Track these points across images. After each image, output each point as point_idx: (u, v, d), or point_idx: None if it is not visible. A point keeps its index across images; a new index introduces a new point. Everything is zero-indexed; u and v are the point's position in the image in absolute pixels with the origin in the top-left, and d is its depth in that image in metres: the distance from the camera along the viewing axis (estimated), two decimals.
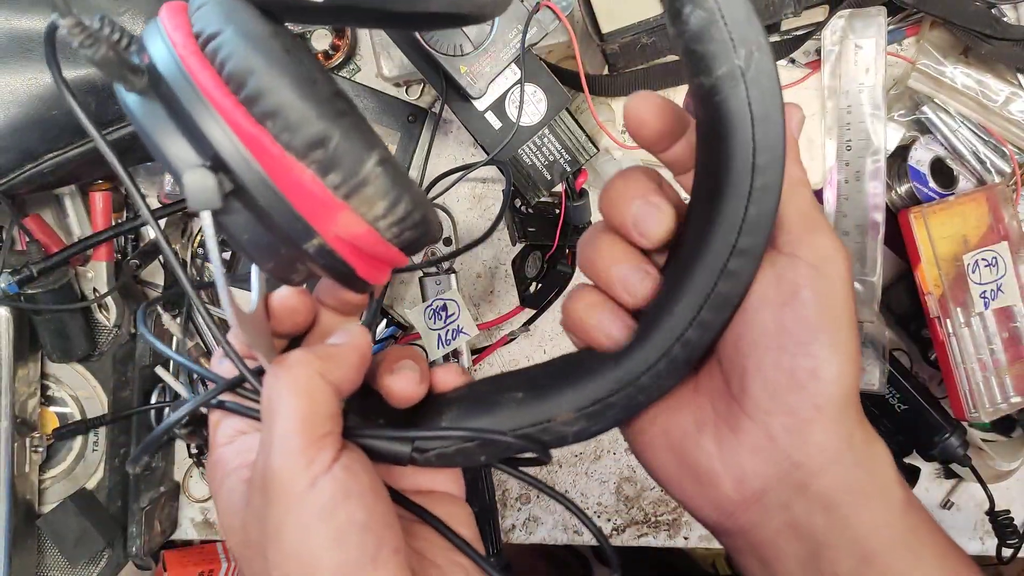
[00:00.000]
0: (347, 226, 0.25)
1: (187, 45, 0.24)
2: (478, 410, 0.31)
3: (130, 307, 0.64)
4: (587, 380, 0.30)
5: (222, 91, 0.23)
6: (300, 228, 0.24)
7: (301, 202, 0.24)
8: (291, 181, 0.24)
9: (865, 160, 0.62)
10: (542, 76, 0.55)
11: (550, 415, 0.30)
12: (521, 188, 0.57)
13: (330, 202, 0.24)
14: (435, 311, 0.64)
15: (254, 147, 0.23)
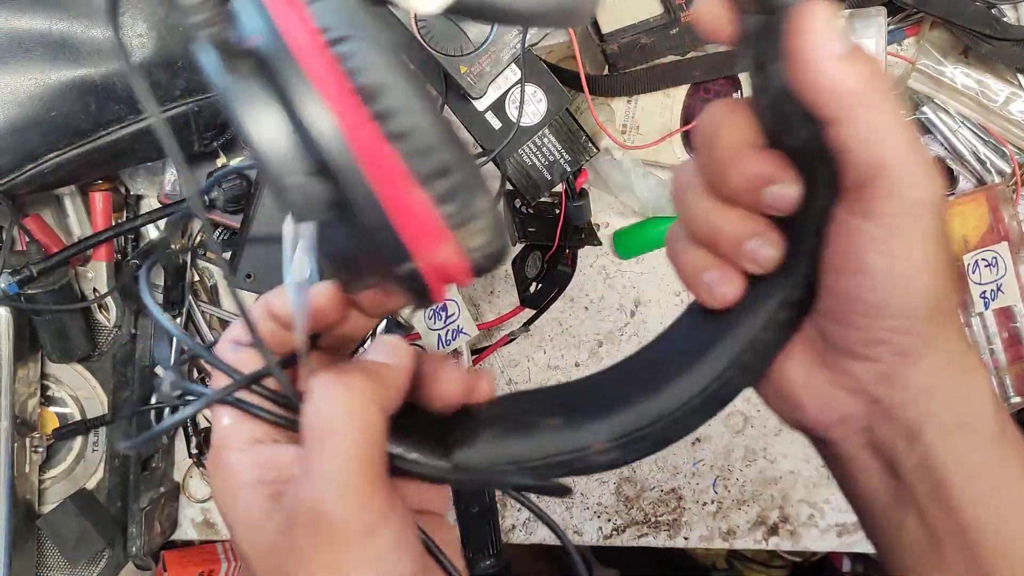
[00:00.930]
0: (446, 256, 0.24)
1: (313, 42, 0.22)
2: (516, 433, 0.30)
3: (130, 307, 0.64)
4: (623, 410, 0.30)
5: (351, 101, 0.22)
6: (399, 252, 0.23)
7: (407, 227, 0.23)
8: (404, 206, 0.23)
9: None
10: (542, 76, 0.55)
11: (586, 444, 0.30)
12: (521, 188, 0.57)
13: (438, 232, 0.23)
14: (435, 311, 0.64)
15: (374, 163, 0.22)
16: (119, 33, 0.24)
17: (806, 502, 0.73)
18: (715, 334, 0.29)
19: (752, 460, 0.73)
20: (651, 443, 0.30)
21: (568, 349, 0.71)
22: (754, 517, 0.73)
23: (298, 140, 0.22)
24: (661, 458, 0.73)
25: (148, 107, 0.24)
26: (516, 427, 0.30)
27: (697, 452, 0.73)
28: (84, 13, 0.50)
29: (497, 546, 0.68)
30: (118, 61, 0.31)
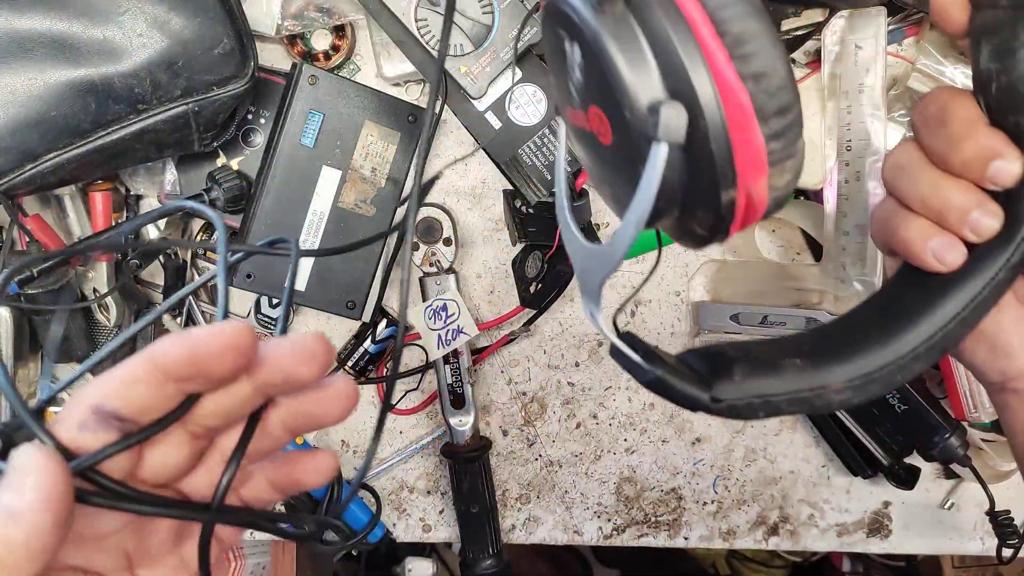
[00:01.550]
0: (759, 190, 0.27)
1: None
2: (764, 371, 0.34)
3: (130, 307, 0.64)
4: (859, 354, 0.34)
5: (718, 43, 0.26)
6: (730, 178, 0.27)
7: (741, 157, 0.26)
8: (747, 139, 0.26)
9: (865, 160, 0.61)
10: (542, 76, 0.55)
11: (824, 383, 0.33)
12: (521, 188, 0.57)
13: (762, 164, 0.27)
14: (435, 311, 0.64)
15: (730, 99, 0.26)
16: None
17: (806, 502, 0.73)
18: (938, 292, 0.34)
19: (752, 460, 0.73)
20: (881, 385, 0.34)
21: (568, 349, 0.71)
22: (754, 517, 0.73)
23: (666, 71, 0.26)
24: (661, 458, 0.73)
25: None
26: (763, 366, 0.34)
27: (697, 452, 0.73)
28: (84, 13, 0.50)
29: (497, 546, 0.68)
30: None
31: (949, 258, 0.33)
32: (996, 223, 0.32)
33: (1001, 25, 0.31)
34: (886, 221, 0.35)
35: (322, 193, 0.60)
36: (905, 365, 0.34)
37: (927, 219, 0.34)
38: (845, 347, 0.35)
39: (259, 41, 0.59)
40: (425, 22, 0.53)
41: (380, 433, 0.29)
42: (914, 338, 0.34)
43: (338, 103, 0.60)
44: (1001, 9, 0.31)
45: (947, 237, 0.33)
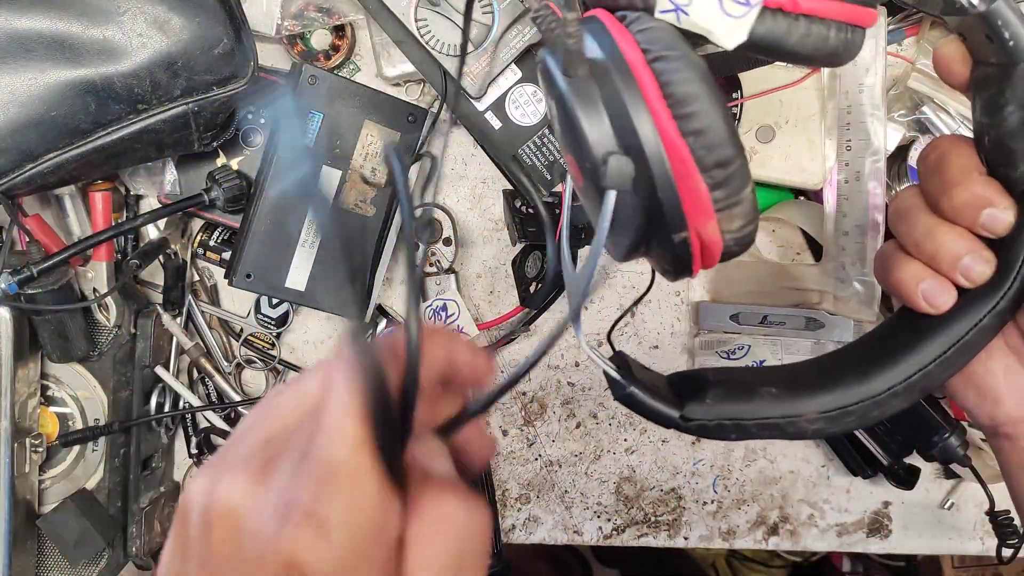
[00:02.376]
0: (710, 233, 0.31)
1: (638, 59, 0.30)
2: (738, 396, 0.36)
3: (130, 307, 0.64)
4: (834, 388, 0.36)
5: (662, 104, 0.30)
6: (678, 222, 0.30)
7: (688, 204, 0.30)
8: (689, 186, 0.30)
9: (865, 160, 0.61)
10: None
11: (798, 412, 0.35)
12: (521, 188, 0.57)
13: (708, 209, 0.30)
14: (435, 311, 0.64)
15: (673, 152, 0.30)
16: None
17: (806, 502, 0.73)
18: (925, 333, 0.35)
19: (752, 460, 0.73)
20: (855, 419, 0.35)
21: (568, 349, 0.71)
22: (754, 517, 0.74)
23: (617, 128, 0.30)
24: (661, 458, 0.73)
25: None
26: (739, 391, 0.36)
27: (697, 452, 0.73)
28: (84, 13, 0.50)
29: (497, 546, 0.68)
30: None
31: (939, 301, 0.34)
32: (988, 269, 0.33)
33: (991, 82, 0.33)
34: (884, 261, 0.37)
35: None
36: (882, 401, 0.35)
37: (921, 262, 0.35)
38: (824, 379, 0.36)
39: (259, 41, 0.59)
40: (425, 22, 0.53)
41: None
42: (894, 376, 0.35)
43: (338, 103, 0.60)
44: (991, 66, 0.33)
45: (939, 281, 0.34)
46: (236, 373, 0.70)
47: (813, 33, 0.31)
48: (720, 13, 0.31)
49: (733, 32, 0.31)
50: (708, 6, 0.31)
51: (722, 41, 0.31)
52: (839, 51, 0.32)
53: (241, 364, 0.70)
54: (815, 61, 0.33)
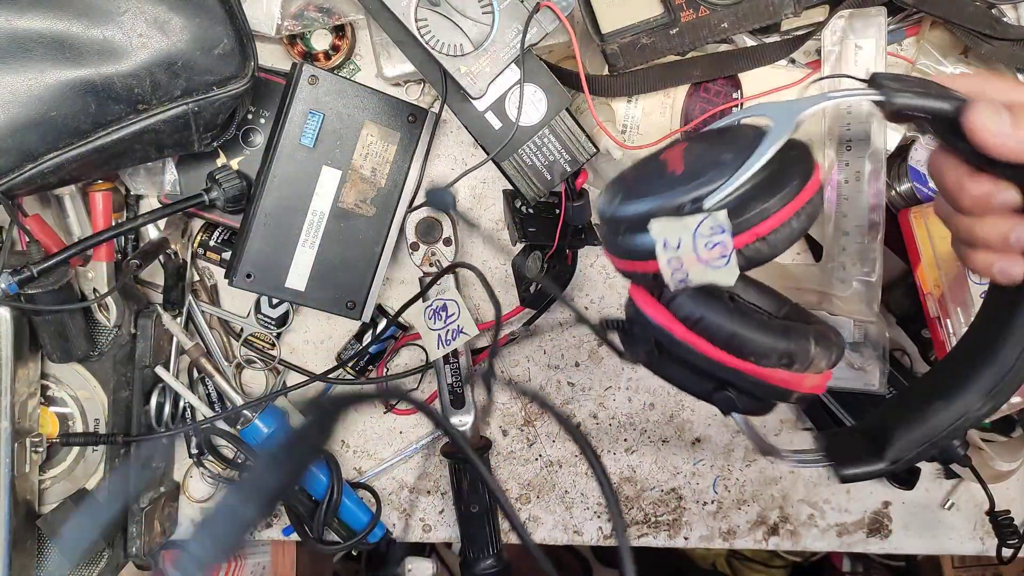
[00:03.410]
0: (811, 382, 0.41)
1: (683, 331, 0.40)
2: (917, 421, 0.44)
3: (130, 307, 0.64)
4: (984, 370, 0.42)
5: (721, 352, 0.40)
6: (782, 393, 0.41)
7: (778, 382, 0.40)
8: (775, 378, 0.40)
9: (865, 160, 0.61)
10: (542, 76, 0.55)
11: (967, 409, 0.43)
12: (521, 188, 0.57)
13: (793, 379, 0.40)
14: (435, 311, 0.64)
15: (747, 368, 0.40)
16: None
17: (806, 502, 0.73)
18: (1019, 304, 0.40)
19: (752, 460, 0.73)
20: (1012, 386, 0.41)
21: (568, 349, 0.71)
22: (754, 517, 0.73)
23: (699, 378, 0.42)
24: (661, 458, 0.73)
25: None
26: (914, 416, 0.44)
27: (697, 452, 0.73)
28: (84, 13, 0.50)
29: (497, 546, 0.68)
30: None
31: (1011, 273, 0.39)
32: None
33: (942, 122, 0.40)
34: (958, 249, 0.43)
35: (322, 193, 0.60)
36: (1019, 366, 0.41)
37: (985, 249, 0.41)
38: (969, 369, 0.42)
39: (259, 41, 0.59)
40: (425, 22, 0.53)
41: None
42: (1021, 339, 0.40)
43: (338, 103, 0.60)
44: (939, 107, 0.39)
45: (1004, 258, 0.39)
46: (236, 373, 0.70)
47: (780, 238, 0.38)
48: (713, 271, 0.39)
49: (728, 276, 0.39)
50: (702, 271, 0.39)
51: (726, 284, 0.39)
52: (808, 225, 0.40)
53: (241, 364, 0.70)
54: (796, 240, 0.41)
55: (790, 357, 0.40)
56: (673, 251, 0.39)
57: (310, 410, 0.28)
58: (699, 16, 0.55)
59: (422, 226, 0.64)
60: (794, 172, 0.39)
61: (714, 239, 0.38)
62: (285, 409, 0.69)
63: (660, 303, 0.40)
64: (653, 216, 0.39)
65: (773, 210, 0.38)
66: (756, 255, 0.39)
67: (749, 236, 0.38)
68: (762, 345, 0.40)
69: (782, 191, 0.38)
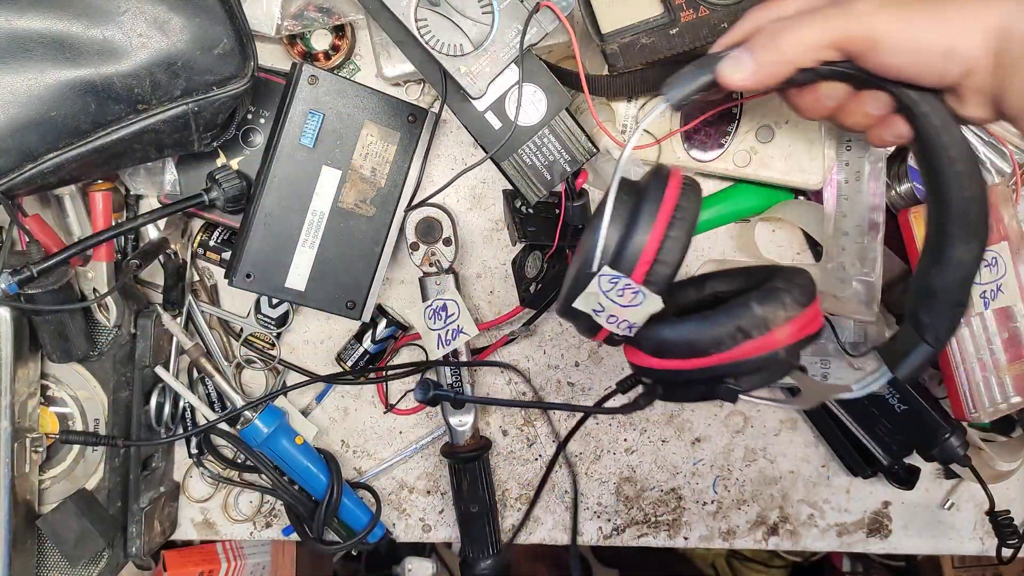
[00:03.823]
0: (783, 334, 0.44)
1: (657, 362, 0.46)
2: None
3: (130, 307, 0.64)
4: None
5: (689, 360, 0.44)
6: (768, 358, 0.44)
7: (752, 352, 0.44)
8: (748, 351, 0.44)
9: (865, 160, 0.61)
10: (542, 76, 0.55)
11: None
12: (521, 188, 0.57)
13: (763, 342, 0.44)
14: (435, 311, 0.64)
15: (717, 359, 0.44)
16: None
17: (806, 502, 0.73)
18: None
19: (752, 460, 0.73)
20: (976, 216, 0.43)
21: (568, 349, 0.71)
22: (754, 517, 0.73)
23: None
24: (661, 458, 0.73)
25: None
26: (926, 298, 0.46)
27: (697, 452, 0.73)
28: (84, 13, 0.50)
29: (497, 546, 0.68)
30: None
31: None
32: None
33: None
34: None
35: (322, 193, 0.60)
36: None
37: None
38: (933, 235, 0.45)
39: (259, 41, 0.59)
40: (425, 22, 0.53)
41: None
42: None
43: (338, 103, 0.60)
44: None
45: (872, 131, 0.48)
46: (236, 373, 0.70)
47: (670, 251, 0.43)
48: (640, 308, 0.44)
49: (653, 303, 0.44)
50: (633, 312, 0.45)
51: (657, 309, 0.44)
52: (691, 223, 0.44)
53: (241, 364, 0.70)
54: (687, 241, 0.45)
55: (742, 330, 0.43)
56: (603, 313, 0.45)
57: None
58: (699, 16, 0.55)
59: (422, 226, 0.64)
60: (649, 196, 0.43)
61: (620, 287, 0.44)
62: (285, 409, 0.69)
63: (635, 349, 0.46)
64: (572, 302, 0.45)
65: (644, 236, 0.43)
66: (661, 275, 0.43)
67: (643, 266, 0.43)
68: (710, 336, 0.43)
69: (643, 214, 0.43)
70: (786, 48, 0.43)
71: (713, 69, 0.45)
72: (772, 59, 0.44)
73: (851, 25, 0.42)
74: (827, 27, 0.43)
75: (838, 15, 0.43)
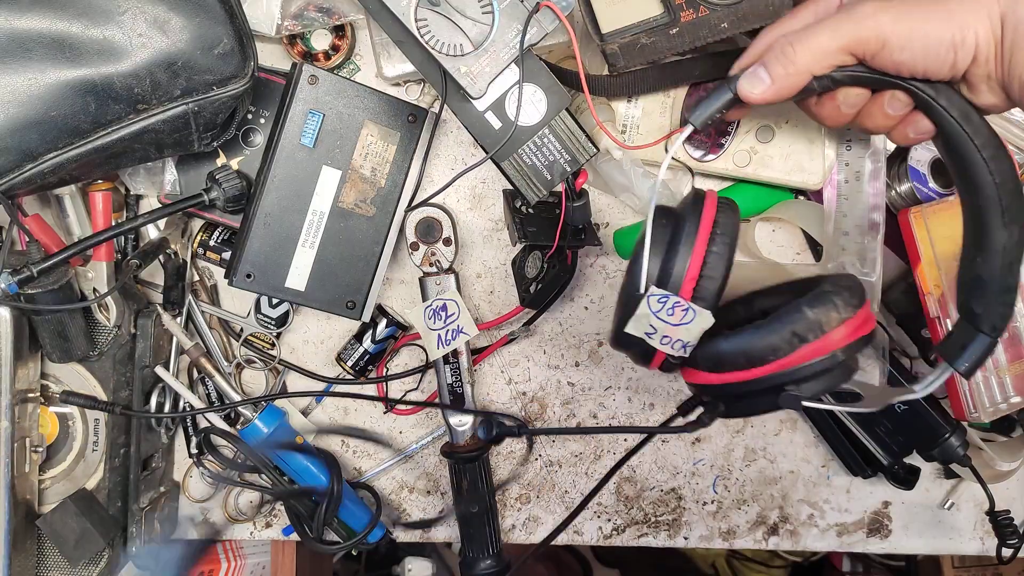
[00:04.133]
0: (839, 335, 0.45)
1: (716, 377, 0.48)
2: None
3: (130, 307, 0.64)
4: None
5: (749, 371, 0.46)
6: (826, 361, 0.46)
7: (810, 356, 0.46)
8: (805, 356, 0.46)
9: (865, 160, 0.61)
10: (542, 76, 0.55)
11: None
12: (521, 188, 0.57)
13: (820, 345, 0.45)
14: (435, 311, 0.64)
15: (776, 367, 0.46)
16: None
17: (806, 502, 0.73)
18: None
19: (752, 460, 0.73)
20: (1014, 198, 0.45)
21: (568, 349, 0.71)
22: (754, 517, 0.73)
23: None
24: (661, 458, 0.73)
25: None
26: (975, 285, 0.47)
27: (697, 452, 0.73)
28: (84, 13, 0.50)
29: (497, 546, 0.68)
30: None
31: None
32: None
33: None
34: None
35: (322, 193, 0.60)
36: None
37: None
38: (972, 224, 0.46)
39: (259, 41, 0.59)
40: (425, 22, 0.53)
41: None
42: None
43: (338, 103, 0.60)
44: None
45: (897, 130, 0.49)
46: (236, 373, 0.70)
47: (714, 266, 0.46)
48: (691, 325, 0.46)
49: (704, 319, 0.46)
50: (684, 330, 0.46)
51: (709, 325, 0.45)
52: (732, 239, 0.47)
53: (241, 364, 0.70)
54: (730, 256, 0.47)
55: (797, 335, 0.44)
56: (656, 335, 0.46)
57: None
58: (699, 16, 0.55)
59: (422, 226, 0.64)
60: (688, 218, 0.46)
61: (669, 306, 0.45)
62: (285, 409, 0.69)
63: (692, 369, 0.48)
64: (624, 328, 0.46)
65: (687, 254, 0.45)
66: (709, 290, 0.45)
67: (689, 283, 0.45)
68: (766, 344, 0.44)
69: (684, 235, 0.45)
70: (799, 58, 0.45)
71: (733, 88, 0.47)
72: (787, 70, 0.45)
73: (859, 28, 0.43)
74: (836, 33, 0.44)
75: (845, 20, 0.44)
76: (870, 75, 0.45)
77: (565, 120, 0.56)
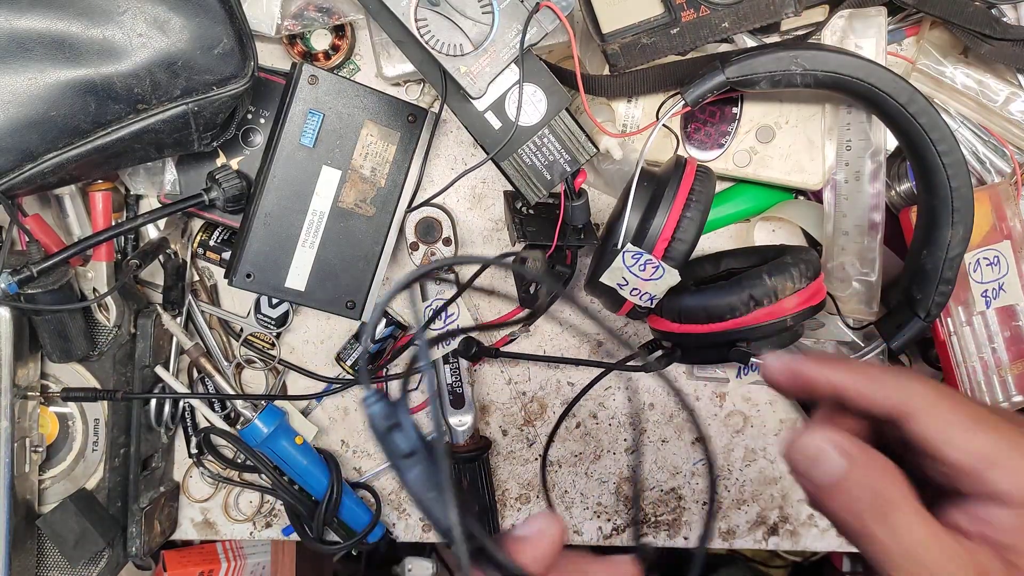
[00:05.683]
0: (791, 303, 0.51)
1: (677, 326, 0.54)
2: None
3: (130, 307, 0.64)
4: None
5: (707, 325, 0.52)
6: (777, 325, 0.51)
7: (764, 319, 0.51)
8: (759, 318, 0.51)
9: (865, 160, 0.61)
10: (542, 76, 0.55)
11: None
12: (521, 188, 0.57)
13: (773, 310, 0.51)
14: (435, 311, 0.64)
15: (731, 324, 0.51)
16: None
17: (806, 502, 0.73)
18: None
19: (752, 460, 0.73)
20: (962, 204, 0.53)
21: (568, 349, 0.71)
22: (754, 517, 0.73)
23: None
24: (661, 458, 0.73)
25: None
26: (919, 273, 0.55)
27: (697, 452, 0.73)
28: (84, 13, 0.50)
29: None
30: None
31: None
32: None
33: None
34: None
35: (322, 193, 0.60)
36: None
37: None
38: (923, 225, 0.56)
39: (259, 41, 0.59)
40: (425, 22, 0.53)
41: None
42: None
43: (338, 103, 0.60)
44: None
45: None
46: (236, 373, 0.70)
47: (687, 230, 0.51)
48: (660, 281, 0.50)
49: (671, 277, 0.50)
50: (654, 285, 0.51)
51: (675, 282, 0.50)
52: (705, 206, 0.51)
53: (241, 364, 0.70)
54: (702, 222, 0.52)
55: (754, 298, 0.49)
56: (627, 286, 0.51)
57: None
58: (699, 16, 0.55)
59: (422, 226, 0.64)
60: (669, 181, 0.50)
61: (641, 262, 0.50)
62: (285, 409, 0.69)
63: (658, 317, 0.53)
64: (599, 277, 0.51)
65: (663, 217, 0.50)
66: (679, 252, 0.50)
67: (662, 243, 0.50)
68: (726, 303, 0.49)
69: (663, 199, 0.50)
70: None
71: (724, 72, 0.54)
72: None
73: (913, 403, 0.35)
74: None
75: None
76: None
77: (565, 120, 0.56)
